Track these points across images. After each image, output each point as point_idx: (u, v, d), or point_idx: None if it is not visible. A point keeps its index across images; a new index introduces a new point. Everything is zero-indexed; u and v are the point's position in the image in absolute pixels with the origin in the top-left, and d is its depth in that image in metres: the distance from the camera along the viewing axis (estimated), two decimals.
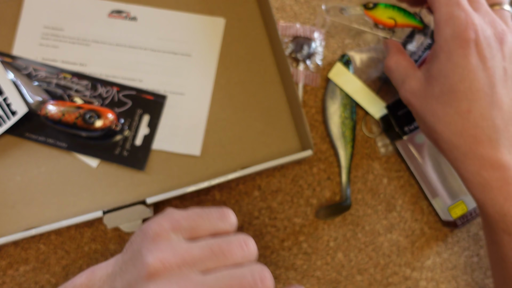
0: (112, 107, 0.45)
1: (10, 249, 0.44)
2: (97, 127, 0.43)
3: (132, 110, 0.45)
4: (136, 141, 0.45)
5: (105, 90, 0.45)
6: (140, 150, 0.45)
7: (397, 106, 0.45)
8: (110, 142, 0.45)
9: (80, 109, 0.43)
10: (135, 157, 0.44)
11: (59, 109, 0.43)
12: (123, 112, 0.45)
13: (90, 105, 0.44)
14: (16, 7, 0.47)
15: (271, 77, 0.47)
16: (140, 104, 0.45)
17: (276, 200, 0.46)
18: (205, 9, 0.48)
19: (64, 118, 0.42)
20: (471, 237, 0.46)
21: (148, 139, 0.45)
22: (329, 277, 0.45)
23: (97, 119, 0.43)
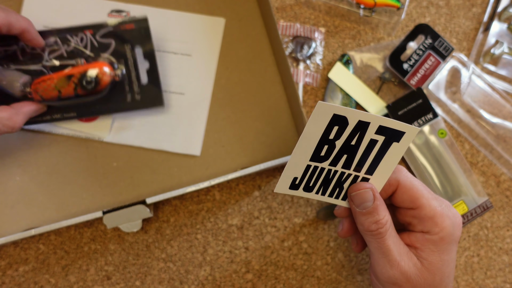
0: (97, 55, 0.42)
1: (9, 249, 0.44)
2: (101, 88, 0.40)
3: (119, 48, 0.41)
4: (142, 79, 0.42)
5: (78, 39, 0.41)
6: (151, 87, 0.42)
7: (397, 106, 0.45)
8: (117, 93, 0.42)
9: (72, 77, 0.39)
10: (149, 96, 0.42)
11: (50, 86, 0.39)
12: (112, 56, 0.41)
13: (78, 68, 0.40)
14: (16, 6, 0.47)
15: (271, 77, 0.47)
16: (125, 38, 0.42)
17: (276, 200, 0.46)
18: (205, 9, 0.48)
19: (63, 93, 0.40)
20: (472, 237, 0.46)
21: (153, 72, 0.42)
22: (329, 278, 0.45)
23: (95, 81, 0.39)
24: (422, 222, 0.32)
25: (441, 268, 0.32)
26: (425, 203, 0.32)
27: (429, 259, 0.32)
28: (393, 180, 0.33)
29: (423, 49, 0.47)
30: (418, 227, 0.33)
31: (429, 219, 0.32)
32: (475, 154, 0.47)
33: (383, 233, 0.31)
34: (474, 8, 0.51)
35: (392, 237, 0.32)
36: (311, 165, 0.32)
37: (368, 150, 0.31)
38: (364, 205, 0.31)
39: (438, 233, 0.32)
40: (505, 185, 0.47)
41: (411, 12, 0.50)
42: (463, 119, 0.47)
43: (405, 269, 0.31)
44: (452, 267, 0.33)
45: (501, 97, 0.47)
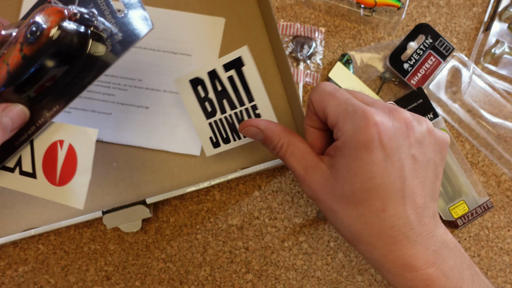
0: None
1: (9, 249, 0.44)
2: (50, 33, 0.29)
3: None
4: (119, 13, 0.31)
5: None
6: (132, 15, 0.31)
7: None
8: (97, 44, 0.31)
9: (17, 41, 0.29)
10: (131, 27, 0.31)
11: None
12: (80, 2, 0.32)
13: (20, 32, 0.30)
14: (16, 6, 0.47)
15: (272, 77, 0.47)
16: None
17: (276, 200, 0.46)
18: (205, 9, 0.48)
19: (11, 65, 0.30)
20: (472, 237, 0.46)
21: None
22: (330, 278, 0.45)
23: (39, 27, 0.29)
24: (334, 131, 0.31)
25: (347, 177, 0.28)
26: (329, 111, 0.30)
27: (336, 166, 0.29)
28: (309, 101, 0.32)
29: (423, 48, 0.47)
30: (335, 135, 0.31)
31: (334, 126, 0.30)
32: (476, 154, 0.47)
33: (283, 154, 0.33)
34: (475, 7, 0.51)
35: (295, 155, 0.32)
36: (211, 122, 0.39)
37: (234, 85, 0.38)
38: (257, 137, 0.34)
39: (340, 137, 0.29)
40: (506, 185, 0.47)
41: (411, 12, 0.50)
42: (463, 119, 0.47)
43: (311, 181, 0.30)
44: (366, 179, 0.28)
45: (501, 97, 0.47)
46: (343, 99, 0.30)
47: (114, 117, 0.45)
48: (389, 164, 0.28)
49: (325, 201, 0.30)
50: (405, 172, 0.28)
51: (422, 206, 0.28)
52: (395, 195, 0.28)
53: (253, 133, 0.34)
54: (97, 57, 0.31)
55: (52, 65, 0.30)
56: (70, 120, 0.45)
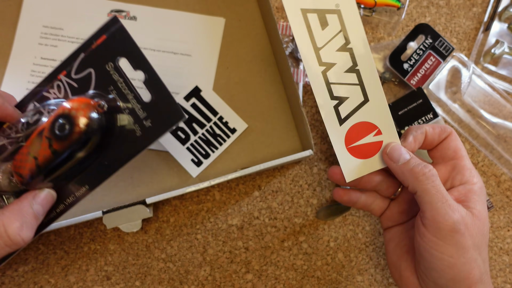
0: (76, 94, 0.32)
1: None
2: (80, 130, 0.29)
3: (101, 74, 0.31)
4: (144, 97, 0.31)
5: (56, 90, 0.31)
6: (159, 102, 0.31)
7: (398, 106, 0.45)
8: (120, 136, 0.31)
9: (43, 132, 0.30)
10: (162, 115, 0.31)
11: (25, 156, 0.29)
12: (98, 86, 0.31)
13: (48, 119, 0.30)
14: (16, 6, 0.47)
15: (272, 77, 0.47)
16: (102, 57, 0.31)
17: (276, 200, 0.46)
18: (205, 9, 0.48)
19: (40, 159, 0.29)
20: None
21: (153, 80, 0.31)
22: (329, 278, 0.45)
23: (69, 122, 0.29)
24: (461, 173, 0.34)
25: (487, 218, 0.33)
26: (465, 155, 0.35)
27: (477, 208, 0.32)
28: (448, 128, 0.35)
29: (423, 49, 0.47)
30: (457, 181, 0.34)
31: (468, 169, 0.34)
32: (476, 154, 0.47)
33: (436, 175, 0.32)
34: (475, 7, 0.51)
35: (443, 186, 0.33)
36: (188, 146, 0.44)
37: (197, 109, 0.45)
38: (402, 156, 0.34)
39: (477, 183, 0.34)
40: (506, 185, 0.47)
41: (411, 12, 0.50)
42: (463, 119, 0.47)
43: (463, 214, 0.31)
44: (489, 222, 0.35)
45: (501, 97, 0.47)
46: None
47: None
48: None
49: (472, 234, 0.31)
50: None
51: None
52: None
53: (400, 151, 0.35)
54: (126, 141, 0.32)
55: (83, 155, 0.31)
56: None
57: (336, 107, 0.35)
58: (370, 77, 0.35)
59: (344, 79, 0.35)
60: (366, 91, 0.35)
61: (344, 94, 0.35)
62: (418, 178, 0.32)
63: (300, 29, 0.34)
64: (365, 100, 0.35)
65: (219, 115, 0.45)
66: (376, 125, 0.36)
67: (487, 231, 0.33)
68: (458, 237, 0.30)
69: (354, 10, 0.34)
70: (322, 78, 0.35)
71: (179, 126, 0.45)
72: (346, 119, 0.36)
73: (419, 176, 0.32)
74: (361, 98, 0.35)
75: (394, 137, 0.36)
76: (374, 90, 0.35)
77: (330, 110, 0.35)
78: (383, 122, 0.36)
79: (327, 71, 0.35)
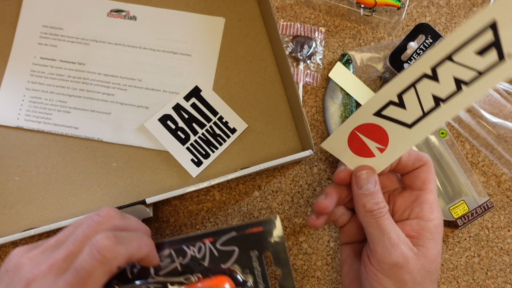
0: (215, 268, 0.34)
1: (9, 249, 0.44)
2: None
3: (243, 256, 0.34)
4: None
5: (196, 249, 0.34)
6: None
7: None
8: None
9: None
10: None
11: None
12: (236, 267, 0.34)
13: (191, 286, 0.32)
14: (15, 6, 0.47)
15: (271, 77, 0.47)
16: (250, 243, 0.34)
17: (276, 200, 0.46)
18: (205, 9, 0.48)
19: None
20: (472, 237, 0.46)
21: (286, 279, 0.34)
22: (330, 278, 0.45)
23: None
24: (420, 206, 0.34)
25: (436, 257, 0.33)
26: (432, 189, 0.34)
27: (426, 246, 0.33)
28: (425, 157, 0.35)
29: (423, 48, 0.47)
30: (414, 213, 0.34)
31: (429, 204, 0.34)
32: (476, 154, 0.47)
33: (384, 213, 0.32)
34: (475, 7, 0.51)
35: (391, 220, 0.33)
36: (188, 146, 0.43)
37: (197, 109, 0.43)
38: (366, 186, 0.33)
39: (433, 220, 0.33)
40: (506, 185, 0.47)
41: (411, 12, 0.50)
42: (463, 119, 0.47)
43: (405, 251, 0.32)
44: (440, 261, 0.34)
45: (501, 97, 0.47)
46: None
47: (114, 117, 0.45)
48: None
49: (412, 271, 0.32)
50: None
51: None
52: None
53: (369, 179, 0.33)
54: None
55: None
56: (70, 120, 0.45)
57: (388, 103, 0.31)
58: (435, 120, 0.30)
59: (425, 95, 0.30)
60: (418, 122, 0.31)
61: (407, 102, 0.30)
62: (366, 214, 0.33)
63: None
64: (407, 125, 0.31)
65: (219, 115, 0.45)
66: (388, 144, 0.33)
67: (435, 269, 0.33)
68: (398, 272, 0.31)
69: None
70: (417, 75, 0.29)
71: (179, 126, 0.45)
72: (380, 116, 0.32)
73: (367, 213, 0.33)
74: (408, 120, 0.31)
75: (383, 165, 0.34)
76: (422, 128, 0.31)
77: (383, 97, 0.30)
78: (394, 150, 0.33)
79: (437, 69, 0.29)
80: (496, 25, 0.25)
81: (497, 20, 0.25)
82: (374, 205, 0.32)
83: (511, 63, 0.26)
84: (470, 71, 0.27)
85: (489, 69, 0.27)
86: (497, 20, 0.25)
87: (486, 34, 0.26)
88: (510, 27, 0.25)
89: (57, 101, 0.45)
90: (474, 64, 0.27)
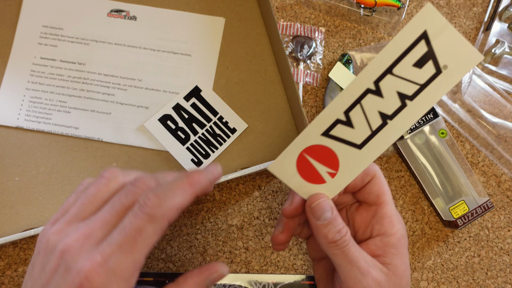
0: None
1: (8, 249, 0.44)
2: None
3: None
4: None
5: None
6: None
7: None
8: None
9: None
10: None
11: None
12: None
13: None
14: (16, 6, 0.47)
15: (272, 77, 0.47)
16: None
17: (276, 200, 0.46)
18: (205, 9, 0.48)
19: None
20: (472, 237, 0.46)
21: None
22: None
23: None
24: (380, 222, 0.32)
25: (405, 271, 0.32)
26: (387, 200, 0.32)
27: (393, 263, 0.31)
28: (371, 171, 0.32)
29: None
30: (375, 231, 0.32)
31: (388, 218, 0.32)
32: (476, 154, 0.47)
33: (348, 240, 0.30)
34: (475, 7, 0.51)
35: (355, 246, 0.31)
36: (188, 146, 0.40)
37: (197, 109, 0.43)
38: (324, 216, 0.31)
39: (395, 234, 0.32)
40: (506, 185, 0.47)
41: (411, 12, 0.50)
42: (463, 119, 0.47)
43: (376, 276, 0.30)
44: (410, 271, 0.33)
45: (501, 97, 0.47)
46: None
47: (114, 117, 0.45)
48: None
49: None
50: None
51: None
52: None
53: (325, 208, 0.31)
54: None
55: None
56: (70, 120, 0.45)
57: (335, 122, 0.29)
58: (384, 139, 0.29)
59: (372, 112, 0.28)
60: (368, 141, 0.29)
61: (355, 120, 0.28)
62: (329, 245, 0.31)
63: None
64: (357, 146, 0.29)
65: (219, 115, 0.45)
66: (339, 168, 0.30)
67: (406, 283, 0.32)
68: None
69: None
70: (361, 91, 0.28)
71: (179, 126, 0.45)
72: (328, 136, 0.29)
73: (331, 244, 0.30)
74: (358, 140, 0.29)
75: (335, 191, 0.31)
76: (372, 149, 0.29)
77: (330, 115, 0.29)
78: (345, 174, 0.30)
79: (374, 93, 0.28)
80: (428, 36, 0.25)
81: (428, 31, 0.25)
82: (336, 235, 0.30)
83: (449, 74, 0.25)
84: (411, 84, 0.26)
85: (429, 82, 0.26)
86: (428, 31, 0.25)
87: (420, 45, 0.25)
88: (442, 38, 0.25)
89: (57, 101, 0.45)
90: (414, 77, 0.26)
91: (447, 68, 0.25)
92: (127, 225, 0.25)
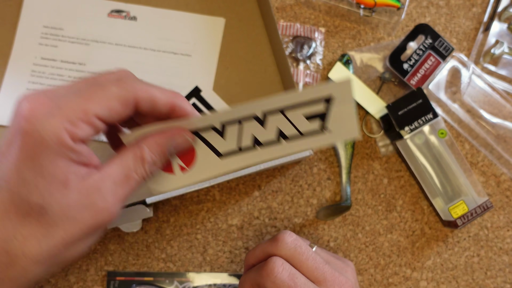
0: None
1: None
2: None
3: None
4: None
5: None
6: None
7: (397, 106, 0.45)
8: None
9: None
10: None
11: None
12: None
13: None
14: (16, 6, 0.47)
15: (271, 77, 0.47)
16: None
17: (276, 200, 0.46)
18: (205, 9, 0.48)
19: None
20: (472, 237, 0.46)
21: None
22: None
23: None
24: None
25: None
26: None
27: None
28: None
29: (423, 49, 0.47)
30: None
31: None
32: (475, 154, 0.47)
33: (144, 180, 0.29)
34: (474, 8, 0.51)
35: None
36: None
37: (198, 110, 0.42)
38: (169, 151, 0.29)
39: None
40: (505, 185, 0.47)
41: (411, 12, 0.50)
42: (463, 119, 0.47)
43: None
44: None
45: (501, 97, 0.47)
46: None
47: None
48: None
49: None
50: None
51: None
52: None
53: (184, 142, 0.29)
54: None
55: None
56: None
57: (211, 127, 0.29)
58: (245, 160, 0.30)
59: (247, 134, 0.29)
60: (230, 155, 0.30)
61: (228, 134, 0.29)
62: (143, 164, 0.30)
63: None
64: (219, 154, 0.30)
65: None
66: (192, 167, 0.31)
67: None
68: None
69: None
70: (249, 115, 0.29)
71: None
72: (197, 136, 0.30)
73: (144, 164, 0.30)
74: (222, 150, 0.30)
75: (181, 185, 0.31)
76: (231, 162, 0.30)
77: (208, 121, 0.29)
78: (196, 174, 0.31)
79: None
80: (332, 101, 0.28)
81: (334, 97, 0.28)
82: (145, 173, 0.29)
83: (327, 136, 0.29)
84: (294, 129, 0.29)
85: (308, 134, 0.29)
86: (335, 97, 0.28)
87: (319, 105, 0.28)
88: (341, 108, 0.28)
89: None
90: (299, 125, 0.29)
91: (329, 131, 0.29)
92: (90, 79, 0.24)
